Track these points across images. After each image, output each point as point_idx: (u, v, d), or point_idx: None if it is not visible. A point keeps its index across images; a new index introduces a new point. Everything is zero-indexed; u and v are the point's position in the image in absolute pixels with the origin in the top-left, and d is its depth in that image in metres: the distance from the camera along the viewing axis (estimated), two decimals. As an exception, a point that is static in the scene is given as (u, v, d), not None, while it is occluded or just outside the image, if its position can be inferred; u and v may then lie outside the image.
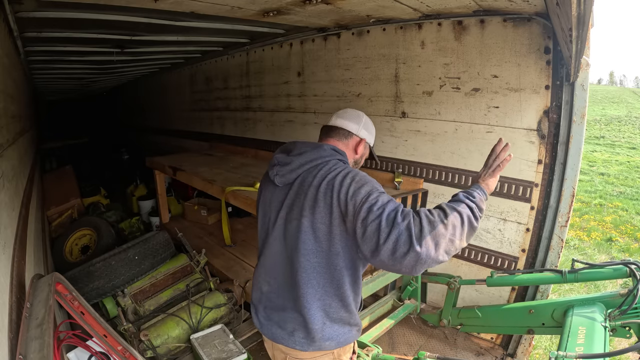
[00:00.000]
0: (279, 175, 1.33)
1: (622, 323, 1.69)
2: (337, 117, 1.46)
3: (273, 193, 1.37)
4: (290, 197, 1.30)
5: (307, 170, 1.29)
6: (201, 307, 2.66)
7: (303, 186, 1.27)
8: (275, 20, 2.81)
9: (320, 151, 1.31)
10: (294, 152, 1.34)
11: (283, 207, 1.31)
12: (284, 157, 1.35)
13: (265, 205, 1.40)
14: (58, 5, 2.24)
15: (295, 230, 1.25)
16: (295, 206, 1.27)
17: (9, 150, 2.24)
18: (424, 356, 1.90)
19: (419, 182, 2.82)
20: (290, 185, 1.31)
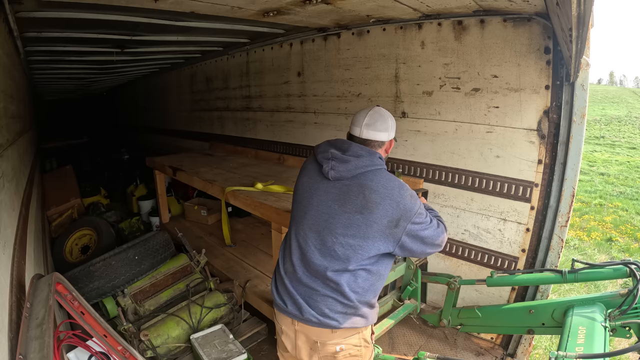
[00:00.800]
0: (334, 171, 1.45)
1: (622, 323, 1.69)
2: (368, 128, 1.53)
3: (320, 183, 1.49)
4: (344, 192, 1.44)
5: (363, 174, 1.43)
6: (201, 307, 2.66)
7: (362, 187, 1.41)
8: (275, 20, 2.81)
9: (374, 159, 1.46)
10: (350, 153, 1.46)
11: (334, 199, 1.44)
12: (341, 155, 1.46)
13: (309, 191, 1.52)
14: (58, 5, 2.24)
15: (346, 222, 1.40)
16: (350, 202, 1.42)
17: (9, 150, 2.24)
18: (424, 356, 1.90)
19: (419, 182, 2.82)
20: (343, 182, 1.45)
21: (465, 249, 2.75)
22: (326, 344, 1.46)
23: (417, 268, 2.59)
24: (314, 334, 1.46)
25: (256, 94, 4.50)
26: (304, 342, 1.49)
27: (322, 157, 1.50)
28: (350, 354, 1.48)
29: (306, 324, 1.46)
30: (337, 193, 1.45)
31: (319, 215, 1.46)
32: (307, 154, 3.86)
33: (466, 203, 2.69)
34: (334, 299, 1.43)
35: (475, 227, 2.67)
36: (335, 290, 1.42)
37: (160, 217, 4.62)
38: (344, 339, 1.45)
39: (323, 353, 1.47)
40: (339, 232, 1.41)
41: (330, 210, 1.44)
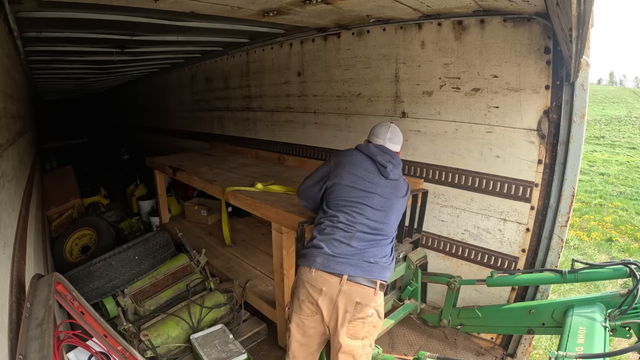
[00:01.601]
0: (392, 173, 1.91)
1: (622, 323, 1.69)
2: (394, 143, 2.03)
3: (380, 179, 1.90)
4: (395, 187, 1.93)
5: (398, 180, 1.97)
6: (201, 307, 2.66)
7: (397, 187, 1.95)
8: (275, 20, 2.81)
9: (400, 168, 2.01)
10: (396, 162, 1.96)
11: (389, 192, 1.90)
12: (395, 162, 1.95)
13: (365, 180, 1.88)
14: (58, 5, 2.24)
15: (397, 204, 1.93)
16: (398, 192, 1.94)
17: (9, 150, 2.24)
18: (424, 356, 1.90)
19: (419, 182, 2.82)
20: (393, 181, 1.93)
21: (465, 249, 2.75)
22: (364, 307, 1.69)
23: (417, 268, 2.59)
24: (358, 294, 1.69)
25: (256, 94, 4.50)
26: (344, 300, 1.70)
27: (383, 160, 1.91)
28: (372, 323, 1.73)
29: (355, 283, 1.70)
30: (391, 187, 1.92)
31: (380, 198, 1.87)
32: (307, 154, 3.86)
33: (466, 203, 2.69)
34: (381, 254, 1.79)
35: (475, 227, 2.67)
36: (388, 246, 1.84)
37: (160, 217, 4.62)
38: (377, 305, 1.73)
39: (359, 315, 1.70)
40: (395, 208, 1.91)
41: (388, 196, 1.89)
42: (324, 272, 1.72)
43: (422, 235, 2.88)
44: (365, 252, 1.76)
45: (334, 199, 1.89)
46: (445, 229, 2.84)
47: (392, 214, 1.91)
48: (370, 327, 1.73)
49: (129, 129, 10.80)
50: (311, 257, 1.77)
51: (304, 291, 1.77)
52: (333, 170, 1.95)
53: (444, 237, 2.85)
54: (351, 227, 1.79)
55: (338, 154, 2.01)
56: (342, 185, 1.89)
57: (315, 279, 1.73)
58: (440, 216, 2.84)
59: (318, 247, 1.77)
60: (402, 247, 2.69)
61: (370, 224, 1.83)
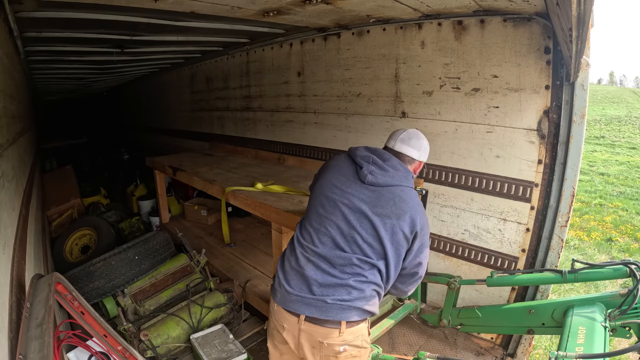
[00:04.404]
0: (372, 175, 1.54)
1: (622, 323, 1.69)
2: (402, 142, 1.65)
3: (354, 183, 1.56)
4: (376, 196, 1.52)
5: (397, 186, 1.54)
6: (201, 307, 2.66)
7: (393, 195, 1.52)
8: (275, 20, 2.81)
9: (408, 177, 1.59)
10: (389, 164, 1.56)
11: (365, 201, 1.52)
12: (382, 164, 1.56)
13: (340, 187, 1.57)
14: (58, 5, 2.24)
15: (376, 225, 1.49)
16: (381, 207, 1.51)
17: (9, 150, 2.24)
18: (424, 356, 1.90)
19: (419, 182, 2.82)
20: (377, 188, 1.54)
21: (465, 249, 2.75)
22: (332, 346, 1.49)
23: (417, 268, 2.59)
24: (320, 334, 1.48)
25: (256, 94, 4.50)
26: (309, 340, 1.51)
27: (363, 160, 1.57)
28: (352, 355, 1.52)
29: (315, 324, 1.48)
30: (370, 196, 1.53)
31: (349, 213, 1.52)
32: (307, 154, 3.85)
33: (466, 203, 2.68)
34: (350, 289, 1.47)
35: (475, 227, 2.67)
36: (353, 280, 1.48)
37: (160, 217, 4.62)
38: (348, 341, 1.49)
39: (326, 352, 1.49)
40: (366, 231, 1.49)
41: (361, 210, 1.51)
42: (283, 309, 1.55)
43: (422, 235, 2.87)
44: (324, 288, 1.47)
45: (306, 214, 1.66)
46: (445, 229, 2.83)
47: (374, 238, 1.48)
48: (349, 359, 1.52)
49: (129, 129, 10.80)
50: (273, 289, 1.62)
51: (273, 320, 1.63)
52: (317, 176, 1.71)
53: (444, 237, 2.85)
54: (308, 253, 1.53)
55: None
56: (315, 196, 1.64)
57: (278, 314, 1.57)
58: (440, 216, 2.84)
59: (278, 278, 1.60)
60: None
61: (328, 252, 1.50)
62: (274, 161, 4.16)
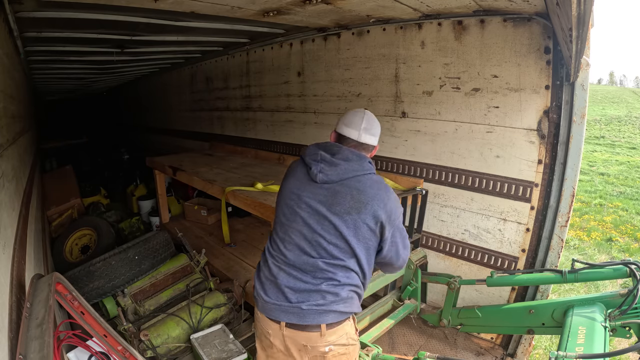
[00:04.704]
0: (322, 173, 1.49)
1: (622, 323, 1.69)
2: (365, 132, 1.58)
3: (308, 185, 1.52)
4: (332, 194, 1.48)
5: (353, 177, 1.49)
6: (201, 307, 2.66)
7: (350, 189, 1.47)
8: (275, 20, 2.81)
9: (363, 163, 1.52)
10: (340, 157, 1.50)
11: (324, 202, 1.48)
12: (330, 158, 1.50)
13: (296, 193, 1.54)
14: (58, 5, 2.24)
15: (337, 224, 1.45)
16: (338, 204, 1.46)
17: (9, 150, 2.23)
18: (424, 356, 1.90)
19: (419, 182, 2.82)
20: (332, 185, 1.49)
21: (465, 249, 2.75)
22: (316, 347, 1.49)
23: (417, 268, 2.59)
24: (303, 338, 1.49)
25: (256, 94, 4.50)
26: (294, 344, 1.51)
27: (311, 159, 1.53)
28: (340, 353, 1.52)
29: (296, 330, 1.48)
30: (326, 195, 1.48)
31: (308, 217, 1.49)
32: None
33: (466, 203, 2.68)
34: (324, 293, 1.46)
35: (475, 227, 2.67)
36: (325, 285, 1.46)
37: (160, 217, 4.62)
38: (332, 341, 1.49)
39: (313, 354, 1.50)
40: (330, 232, 1.46)
41: (319, 212, 1.47)
42: (265, 317, 1.55)
43: (422, 235, 2.88)
44: (299, 294, 1.47)
45: (273, 224, 1.65)
46: (445, 229, 2.83)
47: (339, 238, 1.45)
48: (336, 357, 1.52)
49: (129, 129, 10.80)
50: (254, 297, 1.61)
51: (259, 326, 1.63)
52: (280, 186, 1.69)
53: (444, 237, 2.85)
54: (279, 262, 1.53)
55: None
56: (277, 206, 1.62)
57: (262, 321, 1.58)
58: (440, 216, 2.84)
59: (256, 289, 1.60)
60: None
61: (297, 259, 1.49)
62: (274, 161, 4.16)
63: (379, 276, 2.47)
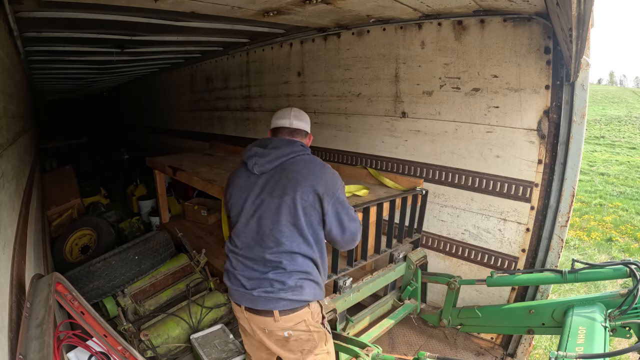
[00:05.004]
0: (257, 165, 1.60)
1: (622, 323, 1.69)
2: (295, 119, 1.73)
3: (248, 180, 1.63)
4: (270, 181, 1.58)
5: (286, 161, 1.59)
6: (201, 307, 2.65)
7: (285, 172, 1.57)
8: (275, 20, 2.81)
9: (293, 146, 1.63)
10: (270, 146, 1.63)
11: (264, 190, 1.58)
12: (262, 151, 1.62)
13: (240, 190, 1.65)
14: (58, 5, 2.24)
15: (276, 207, 1.54)
16: (277, 188, 1.55)
17: (9, 150, 2.23)
18: (424, 356, 1.90)
19: (419, 182, 2.82)
20: (269, 173, 1.60)
21: (465, 249, 2.75)
22: (273, 332, 1.59)
23: (417, 268, 2.59)
24: (260, 322, 1.60)
25: (256, 94, 4.50)
26: (256, 327, 1.63)
27: (247, 156, 1.65)
28: (302, 338, 1.59)
29: (252, 313, 1.59)
30: (264, 184, 1.59)
31: (254, 208, 1.59)
32: (307, 154, 3.85)
33: (466, 203, 2.68)
34: (272, 281, 1.54)
35: (475, 227, 2.67)
36: (272, 274, 1.54)
37: (160, 217, 4.62)
38: (289, 327, 1.57)
39: (274, 337, 1.60)
40: (273, 218, 1.55)
41: (262, 202, 1.58)
42: (233, 301, 1.69)
43: (422, 235, 2.88)
44: (252, 282, 1.58)
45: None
46: (445, 229, 2.83)
47: (282, 223, 1.53)
48: (300, 342, 1.59)
49: (129, 129, 10.81)
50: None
51: (234, 311, 1.76)
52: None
53: (444, 237, 2.85)
54: (238, 256, 1.64)
55: None
56: (226, 204, 1.73)
57: (233, 306, 1.72)
58: (440, 216, 2.84)
59: (224, 277, 1.72)
60: (402, 247, 2.69)
61: (249, 252, 1.60)
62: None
63: (379, 276, 2.47)
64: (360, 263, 2.43)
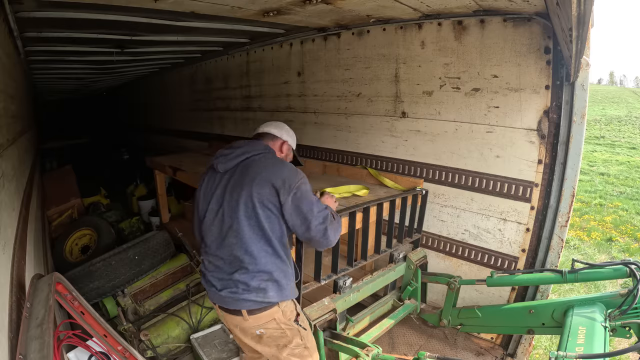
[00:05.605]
0: (221, 164, 1.66)
1: (622, 323, 1.69)
2: (264, 126, 1.86)
3: (214, 179, 1.68)
4: (231, 180, 1.61)
5: (247, 158, 1.64)
6: (201, 307, 2.66)
7: (244, 168, 1.60)
8: (275, 20, 2.81)
9: (255, 145, 1.70)
10: (234, 146, 1.69)
11: (226, 188, 1.61)
12: (226, 151, 1.68)
13: (206, 190, 1.69)
14: (58, 5, 2.24)
15: (235, 203, 1.56)
16: (236, 185, 1.58)
17: (9, 150, 2.23)
18: (424, 356, 1.90)
19: (419, 182, 2.82)
20: (231, 171, 1.64)
21: (465, 249, 2.75)
22: (246, 329, 1.62)
23: (417, 268, 2.59)
24: (233, 320, 1.63)
25: (256, 94, 4.50)
26: (231, 325, 1.68)
27: (214, 158, 1.70)
28: (275, 335, 1.62)
29: (225, 312, 1.63)
30: (226, 182, 1.62)
31: (217, 206, 1.63)
32: (307, 154, 3.85)
33: (466, 203, 2.68)
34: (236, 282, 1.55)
35: (476, 227, 2.67)
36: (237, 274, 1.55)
37: (160, 217, 4.61)
38: (259, 325, 1.59)
39: (249, 335, 1.64)
40: (232, 215, 1.56)
41: (224, 198, 1.60)
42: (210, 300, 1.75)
43: (422, 235, 2.88)
44: (221, 282, 1.61)
45: None
46: (446, 229, 2.83)
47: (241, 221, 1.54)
48: (273, 339, 1.61)
49: (129, 129, 10.80)
50: None
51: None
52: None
53: (444, 237, 2.85)
54: (209, 256, 1.67)
55: None
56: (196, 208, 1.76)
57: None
58: (441, 216, 2.84)
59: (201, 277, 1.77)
60: (402, 247, 2.69)
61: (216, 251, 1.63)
62: (274, 161, 4.15)
63: (378, 276, 2.47)
64: (360, 263, 2.43)
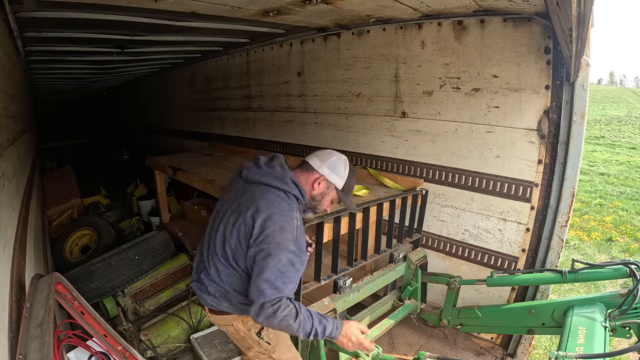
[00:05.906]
0: (247, 170, 1.59)
1: (622, 323, 1.69)
2: (316, 156, 1.62)
3: (235, 185, 1.64)
4: (242, 190, 1.56)
5: (262, 184, 1.50)
6: (201, 307, 2.66)
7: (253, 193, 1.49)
8: (275, 20, 2.81)
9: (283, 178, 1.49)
10: (270, 164, 1.57)
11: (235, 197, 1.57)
12: (262, 163, 1.59)
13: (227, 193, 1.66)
14: (58, 5, 2.24)
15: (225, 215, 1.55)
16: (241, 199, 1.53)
17: (9, 150, 2.23)
18: (424, 356, 1.90)
19: (419, 182, 2.82)
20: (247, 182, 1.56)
21: (465, 249, 2.75)
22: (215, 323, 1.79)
23: (417, 268, 2.59)
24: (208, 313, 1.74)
25: (256, 94, 4.50)
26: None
27: (246, 166, 1.63)
28: (236, 338, 1.75)
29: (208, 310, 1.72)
30: (239, 189, 1.57)
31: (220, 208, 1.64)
32: (307, 154, 3.85)
33: (466, 203, 2.68)
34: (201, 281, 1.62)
35: (476, 227, 2.67)
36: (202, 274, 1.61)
37: (160, 217, 4.61)
38: (220, 325, 1.73)
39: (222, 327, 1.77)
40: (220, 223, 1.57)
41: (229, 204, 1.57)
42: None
43: (422, 235, 2.88)
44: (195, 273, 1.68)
45: None
46: (445, 229, 2.83)
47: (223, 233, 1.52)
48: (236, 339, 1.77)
49: (129, 128, 10.80)
50: None
51: None
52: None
53: (444, 237, 2.85)
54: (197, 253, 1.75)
55: None
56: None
57: None
58: (441, 216, 2.84)
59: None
60: (402, 247, 2.69)
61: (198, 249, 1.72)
62: (274, 161, 4.15)
63: (378, 276, 2.47)
64: (360, 263, 2.43)
